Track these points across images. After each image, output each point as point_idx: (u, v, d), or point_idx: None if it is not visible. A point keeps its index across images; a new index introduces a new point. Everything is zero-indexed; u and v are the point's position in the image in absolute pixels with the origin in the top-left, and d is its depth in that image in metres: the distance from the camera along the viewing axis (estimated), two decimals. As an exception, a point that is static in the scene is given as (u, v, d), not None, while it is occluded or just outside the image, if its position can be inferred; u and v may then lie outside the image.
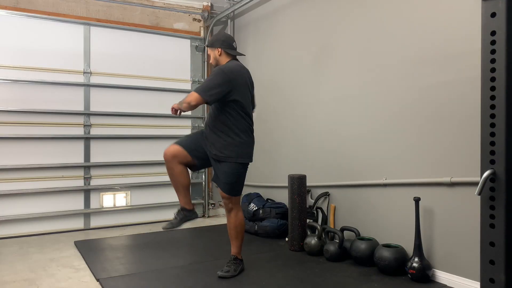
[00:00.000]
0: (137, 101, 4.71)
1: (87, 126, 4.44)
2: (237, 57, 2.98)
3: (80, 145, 4.43)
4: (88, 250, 3.53)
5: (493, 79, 1.42)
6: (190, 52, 5.07)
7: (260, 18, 4.66)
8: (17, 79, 4.10)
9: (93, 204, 4.49)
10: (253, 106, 3.05)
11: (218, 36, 2.94)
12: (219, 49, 2.88)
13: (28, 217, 4.14)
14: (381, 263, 2.83)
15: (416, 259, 2.70)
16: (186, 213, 2.97)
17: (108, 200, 4.58)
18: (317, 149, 3.80)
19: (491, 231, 1.42)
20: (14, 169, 4.10)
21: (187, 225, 4.57)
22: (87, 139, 4.45)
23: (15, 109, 4.09)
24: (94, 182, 4.49)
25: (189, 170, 2.93)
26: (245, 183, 4.72)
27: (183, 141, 2.89)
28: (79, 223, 4.41)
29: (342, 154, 3.52)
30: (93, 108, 4.48)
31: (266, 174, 4.54)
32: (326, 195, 3.68)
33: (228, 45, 2.90)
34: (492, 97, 1.42)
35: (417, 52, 2.88)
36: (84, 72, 4.43)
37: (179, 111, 2.74)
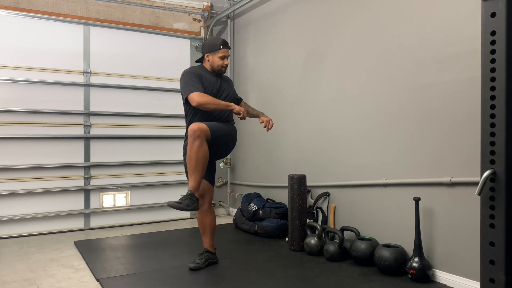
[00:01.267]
0: (137, 101, 4.72)
1: (87, 126, 4.44)
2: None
3: (80, 145, 4.43)
4: (88, 250, 3.54)
5: (493, 79, 1.42)
6: (190, 52, 5.07)
7: (260, 18, 4.66)
8: (17, 79, 4.10)
9: (93, 204, 4.49)
10: None
11: None
12: None
13: (28, 217, 4.14)
14: (381, 263, 2.83)
15: (416, 259, 2.70)
16: (210, 255, 3.10)
17: (108, 200, 4.58)
18: (317, 149, 3.80)
19: (491, 231, 1.42)
20: (14, 169, 4.10)
21: (187, 225, 4.60)
22: (87, 139, 4.45)
23: (15, 109, 4.09)
24: (94, 182, 4.49)
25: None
26: (245, 183, 4.74)
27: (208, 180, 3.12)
28: (79, 223, 4.41)
29: (342, 154, 3.52)
30: (93, 108, 4.48)
31: (266, 174, 4.54)
32: (326, 195, 3.68)
33: None
34: (492, 97, 1.42)
35: (417, 52, 2.88)
36: (84, 72, 4.43)
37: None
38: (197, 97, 2.87)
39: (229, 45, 3.16)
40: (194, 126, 2.76)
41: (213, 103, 2.90)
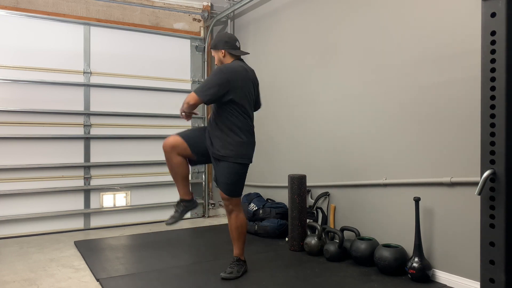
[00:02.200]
0: (137, 101, 4.71)
1: (87, 126, 4.44)
2: (242, 56, 2.96)
3: (80, 145, 4.43)
4: (88, 250, 3.54)
5: (493, 79, 1.42)
6: (190, 52, 5.07)
7: (260, 18, 4.66)
8: (17, 79, 4.10)
9: (93, 204, 4.49)
10: (258, 105, 3.06)
11: (221, 37, 2.90)
12: (223, 51, 2.86)
13: (28, 217, 4.14)
14: (381, 263, 2.83)
15: (416, 259, 2.70)
16: (186, 204, 2.95)
17: (108, 200, 4.58)
18: (317, 149, 3.80)
19: (491, 231, 1.42)
20: (14, 169, 4.10)
21: (187, 225, 4.60)
22: (87, 139, 4.45)
23: (15, 109, 4.09)
24: (94, 182, 4.49)
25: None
26: (245, 183, 4.72)
27: (185, 134, 2.88)
28: (79, 223, 4.41)
29: (342, 154, 3.52)
30: (93, 108, 4.48)
31: (266, 174, 4.54)
32: (326, 195, 3.68)
33: (231, 45, 2.87)
34: (492, 97, 1.42)
35: (417, 52, 2.88)
36: (84, 72, 4.43)
37: (184, 113, 2.78)
38: None
39: (210, 46, 3.01)
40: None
41: None
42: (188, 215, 4.97)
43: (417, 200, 2.76)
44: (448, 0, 2.68)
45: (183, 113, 2.78)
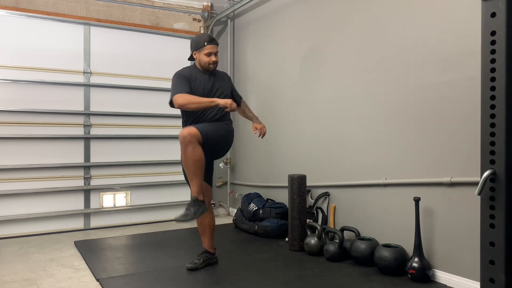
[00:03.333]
0: (137, 101, 4.72)
1: (87, 126, 4.44)
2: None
3: (80, 145, 4.43)
4: (88, 250, 3.54)
5: (493, 79, 1.42)
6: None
7: (260, 18, 4.66)
8: (17, 79, 4.10)
9: (93, 204, 4.49)
10: None
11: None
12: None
13: (28, 217, 4.14)
14: (381, 263, 2.83)
15: (416, 259, 2.70)
16: (209, 256, 3.09)
17: (108, 200, 4.58)
18: (317, 149, 3.80)
19: (491, 231, 1.42)
20: (14, 169, 4.10)
21: (187, 225, 4.60)
22: (87, 139, 4.45)
23: (15, 109, 4.09)
24: (94, 182, 4.49)
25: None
26: (245, 183, 4.74)
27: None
28: (79, 223, 4.41)
29: (342, 154, 3.52)
30: (93, 108, 4.48)
31: (266, 174, 4.54)
32: (326, 195, 3.68)
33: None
34: (492, 97, 1.42)
35: (417, 52, 2.88)
36: (84, 72, 4.43)
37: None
38: (177, 99, 2.80)
39: (215, 41, 3.02)
40: (184, 132, 2.68)
41: (194, 102, 2.79)
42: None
43: (417, 200, 2.76)
44: (448, 0, 2.68)
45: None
